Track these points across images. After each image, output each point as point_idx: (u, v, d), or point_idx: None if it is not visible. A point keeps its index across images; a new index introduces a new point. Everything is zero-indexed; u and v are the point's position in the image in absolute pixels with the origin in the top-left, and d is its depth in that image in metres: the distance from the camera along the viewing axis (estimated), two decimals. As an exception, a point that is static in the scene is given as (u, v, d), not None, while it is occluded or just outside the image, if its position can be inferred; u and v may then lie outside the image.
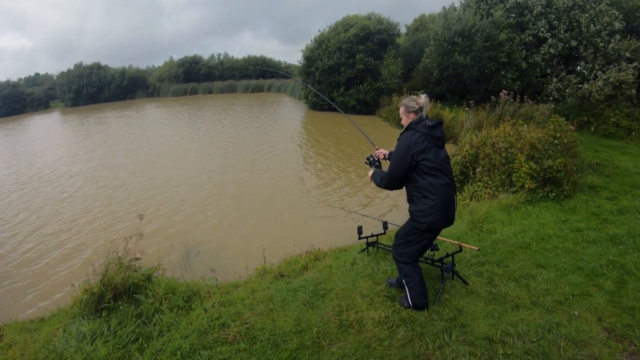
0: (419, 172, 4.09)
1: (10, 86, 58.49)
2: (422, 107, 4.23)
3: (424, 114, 4.21)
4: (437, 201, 4.04)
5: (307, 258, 6.47)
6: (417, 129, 4.11)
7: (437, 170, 4.07)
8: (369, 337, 4.09)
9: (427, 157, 4.04)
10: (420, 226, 4.17)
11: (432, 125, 4.10)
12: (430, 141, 4.08)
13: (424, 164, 4.05)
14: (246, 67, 61.65)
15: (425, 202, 4.08)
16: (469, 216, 7.48)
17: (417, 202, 4.16)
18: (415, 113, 4.25)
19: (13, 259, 9.34)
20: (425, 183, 4.07)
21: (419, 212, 4.14)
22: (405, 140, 4.11)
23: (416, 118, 4.22)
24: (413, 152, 4.03)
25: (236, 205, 11.73)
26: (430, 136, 4.08)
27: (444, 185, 4.07)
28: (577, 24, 17.59)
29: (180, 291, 5.38)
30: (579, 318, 4.21)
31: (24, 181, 16.60)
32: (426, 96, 4.28)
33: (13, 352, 4.57)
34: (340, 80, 27.51)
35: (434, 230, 4.22)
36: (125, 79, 61.13)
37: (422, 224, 4.14)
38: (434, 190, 4.04)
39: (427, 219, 4.10)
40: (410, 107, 4.27)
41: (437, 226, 4.17)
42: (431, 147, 4.08)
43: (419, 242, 4.26)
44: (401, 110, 4.39)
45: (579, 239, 6.30)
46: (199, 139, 22.59)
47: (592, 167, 10.20)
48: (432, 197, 4.04)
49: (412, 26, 35.65)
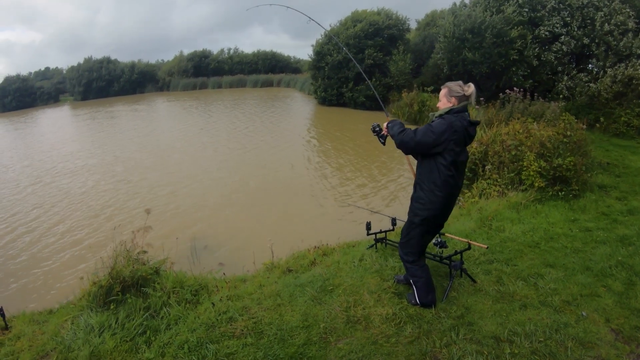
0: (437, 164, 3.95)
1: (20, 80, 58.85)
2: (468, 97, 4.05)
3: (472, 102, 4.11)
4: (442, 199, 3.99)
5: (315, 253, 6.49)
6: (459, 118, 3.94)
7: (456, 168, 3.98)
8: (376, 333, 4.09)
9: (455, 151, 3.92)
10: (415, 219, 4.15)
11: (472, 122, 3.99)
12: (465, 137, 3.97)
13: (448, 155, 3.91)
14: (255, 62, 61.58)
15: (428, 196, 4.02)
16: (478, 214, 7.45)
17: (420, 192, 4.10)
18: (458, 100, 4.04)
19: (24, 251, 9.42)
20: (436, 177, 3.95)
21: (418, 202, 4.11)
22: (449, 122, 3.90)
23: (459, 106, 4.01)
24: (450, 137, 3.86)
25: (245, 199, 11.76)
26: (467, 132, 3.98)
27: (452, 185, 4.01)
28: (590, 21, 17.44)
29: (188, 285, 5.41)
30: (587, 319, 4.20)
31: (38, 174, 16.74)
32: (474, 87, 4.09)
33: (21, 344, 4.61)
34: (349, 76, 27.44)
35: (430, 225, 4.18)
36: (135, 73, 61.32)
37: (417, 216, 4.11)
38: (442, 187, 3.96)
39: (424, 212, 4.07)
40: (454, 92, 4.05)
41: (432, 221, 4.14)
42: (462, 144, 3.97)
43: (418, 237, 4.22)
44: (443, 92, 4.15)
45: (588, 238, 6.27)
46: (210, 134, 22.62)
47: (602, 166, 10.13)
48: (438, 193, 3.97)
49: (423, 21, 35.46)
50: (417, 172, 4.21)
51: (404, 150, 4.17)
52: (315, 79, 30.46)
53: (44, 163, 18.60)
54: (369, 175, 13.06)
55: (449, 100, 4.08)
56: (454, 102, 4.05)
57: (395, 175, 13.02)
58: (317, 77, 29.92)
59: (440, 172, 3.94)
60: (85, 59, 61.65)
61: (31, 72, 72.80)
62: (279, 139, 20.39)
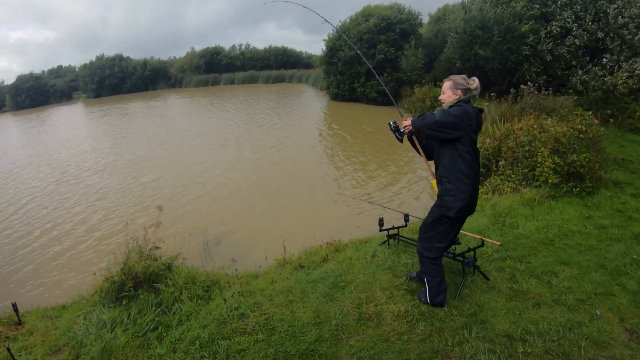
0: (456, 153, 3.94)
1: (34, 78, 59.59)
2: (473, 90, 4.08)
3: (476, 95, 4.13)
4: (469, 186, 3.96)
5: (327, 249, 6.48)
6: (470, 106, 3.99)
7: (471, 154, 3.95)
8: (388, 330, 4.09)
9: (471, 137, 3.93)
10: (449, 212, 4.02)
11: (478, 110, 4.02)
12: (477, 125, 3.99)
13: (466, 142, 3.92)
14: (267, 58, 61.61)
15: (457, 186, 3.96)
16: (491, 210, 7.40)
17: (447, 184, 4.02)
18: (463, 92, 4.06)
19: (38, 248, 9.54)
20: (461, 166, 3.92)
21: (449, 195, 4.01)
22: (464, 109, 3.92)
23: (465, 98, 4.05)
24: (467, 122, 3.88)
25: (258, 195, 11.78)
26: (478, 119, 4.00)
27: (477, 171, 4.02)
28: (604, 15, 17.19)
29: (200, 280, 5.44)
30: (601, 318, 4.15)
31: (55, 172, 16.93)
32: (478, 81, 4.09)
33: (34, 339, 4.66)
34: (361, 71, 27.32)
35: (461, 217, 4.12)
36: (147, 70, 61.74)
37: (451, 209, 4.00)
38: (467, 174, 3.94)
39: (457, 203, 3.97)
40: (459, 84, 4.06)
41: (464, 212, 4.06)
42: (475, 129, 3.97)
43: (448, 233, 4.17)
44: (447, 84, 4.14)
45: (602, 236, 6.19)
46: (224, 130, 22.64)
47: (617, 162, 9.99)
48: (466, 180, 3.94)
49: (435, 15, 35.24)
50: (439, 167, 4.14)
51: (424, 132, 4.09)
52: (328, 75, 30.35)
53: (61, 161, 18.79)
54: (382, 171, 13.01)
55: (454, 93, 4.08)
56: (459, 95, 4.06)
57: (408, 171, 12.96)
58: (330, 72, 29.81)
59: (464, 159, 3.92)
60: (98, 57, 62.24)
61: (44, 71, 73.68)
62: (292, 134, 20.38)
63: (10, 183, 15.73)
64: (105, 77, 59.49)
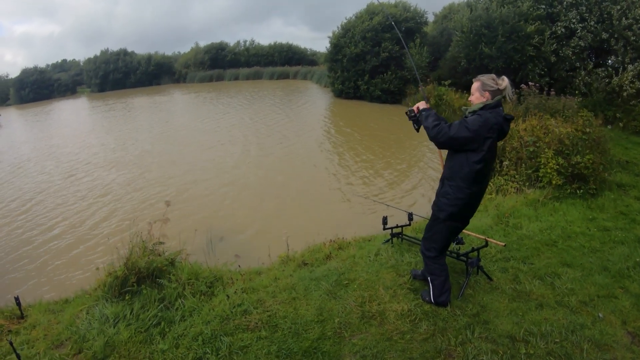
0: (469, 160, 3.85)
1: (38, 72, 59.73)
2: (502, 91, 3.90)
3: (508, 96, 3.94)
4: (469, 196, 3.94)
5: (331, 247, 6.49)
6: (494, 115, 3.82)
7: (487, 165, 3.89)
8: (390, 329, 4.10)
9: (488, 147, 3.81)
10: (440, 214, 4.08)
11: (507, 118, 3.89)
12: (498, 133, 3.88)
13: (481, 152, 3.80)
14: (271, 54, 61.58)
15: (455, 191, 3.95)
16: (495, 210, 7.40)
17: (448, 187, 4.02)
18: (492, 94, 3.89)
19: (43, 242, 9.57)
20: (468, 173, 3.85)
21: (445, 196, 4.03)
22: (486, 120, 3.78)
23: (493, 101, 3.87)
24: (486, 135, 3.77)
25: (261, 191, 11.78)
26: (502, 128, 3.87)
27: (482, 182, 3.96)
28: (608, 16, 17.14)
29: (203, 276, 5.46)
30: (604, 320, 4.17)
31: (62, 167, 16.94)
32: (509, 81, 3.93)
33: (36, 332, 4.69)
34: (366, 69, 27.24)
35: (453, 223, 4.11)
36: (151, 65, 61.79)
37: (442, 211, 4.05)
38: (473, 183, 3.88)
39: (449, 208, 4.00)
40: (487, 85, 3.91)
41: (455, 219, 4.07)
42: (495, 139, 3.87)
43: (442, 233, 4.17)
44: (476, 85, 4.00)
45: (606, 238, 6.20)
46: (230, 126, 22.59)
47: (622, 164, 9.98)
48: (467, 190, 3.90)
49: (440, 14, 35.17)
50: (446, 167, 4.11)
51: (436, 144, 4.03)
52: (333, 71, 30.30)
53: (67, 156, 18.73)
54: (387, 169, 13.00)
55: (482, 95, 3.94)
56: (487, 97, 3.91)
57: (414, 169, 12.96)
58: (335, 69, 29.76)
59: (471, 168, 3.85)
60: (102, 51, 62.30)
61: (49, 65, 73.65)
62: (298, 131, 20.37)
63: (16, 178, 15.73)
64: (109, 71, 59.54)
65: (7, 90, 60.63)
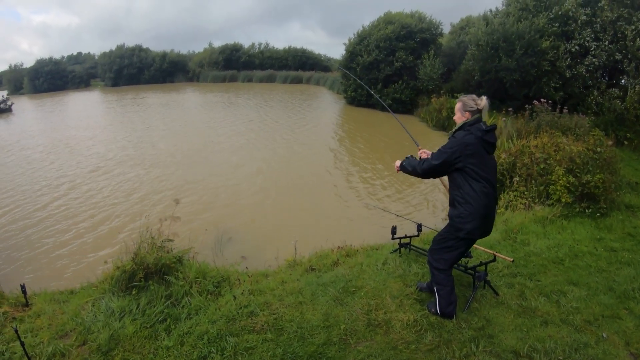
0: (465, 176, 4.05)
1: (53, 63, 60.37)
2: (481, 110, 4.18)
3: (482, 117, 4.18)
4: (479, 209, 4.01)
5: (339, 254, 6.52)
6: (472, 131, 4.07)
7: (483, 178, 4.02)
8: (396, 339, 4.13)
9: (476, 162, 4.01)
10: (459, 233, 4.14)
11: (487, 129, 4.06)
12: (482, 146, 4.04)
13: (471, 168, 4.01)
14: (286, 58, 61.88)
15: (466, 208, 4.04)
16: (503, 225, 7.40)
17: (459, 207, 4.12)
18: (472, 113, 4.19)
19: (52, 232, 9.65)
20: (469, 189, 4.03)
21: (459, 217, 4.11)
22: (460, 139, 4.06)
23: (472, 119, 4.16)
24: (465, 152, 4.00)
25: (273, 195, 11.81)
26: (484, 140, 4.04)
27: (487, 194, 4.03)
28: (622, 36, 17.13)
29: (211, 276, 5.50)
30: (607, 340, 4.17)
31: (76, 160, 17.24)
32: (487, 100, 4.21)
33: (41, 321, 4.74)
34: (379, 77, 27.34)
35: (471, 238, 4.19)
36: (166, 62, 62.45)
37: (460, 230, 4.11)
38: (477, 197, 4.00)
39: (466, 225, 4.07)
40: (468, 106, 4.22)
41: (474, 235, 4.14)
42: (482, 153, 4.05)
43: (455, 249, 4.23)
44: (458, 105, 4.32)
45: (612, 259, 6.19)
46: (243, 128, 22.71)
47: (631, 185, 9.95)
48: (475, 204, 4.01)
49: (457, 25, 35.14)
50: (450, 190, 4.27)
51: (431, 176, 4.37)
52: (347, 78, 30.35)
53: (81, 150, 18.86)
54: (397, 179, 13.00)
55: (463, 115, 4.26)
56: (467, 116, 4.23)
57: (425, 181, 12.96)
58: (348, 76, 29.78)
59: (470, 184, 4.04)
60: (118, 46, 63.17)
61: (64, 56, 74.45)
62: (309, 136, 20.48)
63: (25, 169, 15.87)
64: (123, 66, 60.15)
65: (22, 79, 61.19)
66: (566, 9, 18.46)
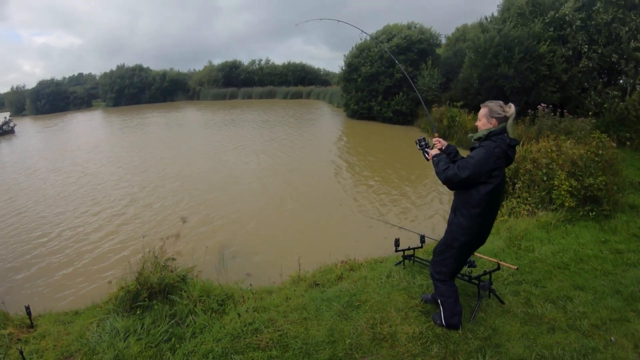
0: (480, 188, 3.89)
1: (54, 84, 60.94)
2: (508, 118, 3.97)
3: (508, 125, 3.98)
4: (481, 224, 3.98)
5: (342, 268, 6.51)
6: (498, 143, 3.87)
7: (497, 192, 3.92)
8: (402, 352, 4.10)
9: (496, 176, 3.88)
10: (454, 243, 4.12)
11: (511, 144, 3.92)
12: (505, 160, 3.94)
13: (491, 181, 3.85)
14: (285, 73, 62.26)
15: (467, 221, 3.99)
16: (507, 233, 7.38)
17: (460, 217, 4.04)
18: (499, 121, 3.95)
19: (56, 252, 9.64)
20: (479, 201, 3.90)
21: (458, 227, 4.06)
22: (490, 150, 3.83)
23: (498, 128, 3.93)
24: (492, 166, 3.81)
25: (275, 211, 11.84)
26: (507, 155, 3.92)
27: (493, 209, 4.00)
28: (616, 37, 17.19)
29: (215, 294, 5.49)
30: (616, 344, 4.13)
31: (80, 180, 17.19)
32: (515, 108, 4.01)
33: (46, 343, 4.74)
34: (379, 89, 27.57)
35: (467, 250, 4.18)
36: (166, 81, 62.98)
37: (456, 240, 4.09)
38: (484, 212, 3.93)
39: (463, 237, 4.05)
40: (494, 112, 3.96)
41: (469, 247, 4.14)
42: (503, 167, 3.93)
43: (454, 259, 4.21)
44: (483, 111, 4.05)
45: (618, 261, 6.15)
46: (244, 145, 22.85)
47: (634, 186, 9.91)
48: (479, 218, 3.95)
49: (453, 35, 35.35)
50: (456, 196, 4.16)
51: (449, 187, 4.12)
52: (347, 91, 30.54)
53: (86, 169, 19.06)
54: (399, 191, 13.00)
55: (489, 122, 4.00)
56: (494, 124, 3.98)
57: (426, 192, 12.94)
58: (349, 89, 30.03)
59: (480, 197, 3.90)
60: (118, 66, 63.69)
61: (65, 77, 75.08)
62: (311, 151, 20.55)
63: (26, 187, 15.93)
64: (124, 86, 60.71)
65: (24, 100, 61.80)
66: (562, 13, 18.56)
